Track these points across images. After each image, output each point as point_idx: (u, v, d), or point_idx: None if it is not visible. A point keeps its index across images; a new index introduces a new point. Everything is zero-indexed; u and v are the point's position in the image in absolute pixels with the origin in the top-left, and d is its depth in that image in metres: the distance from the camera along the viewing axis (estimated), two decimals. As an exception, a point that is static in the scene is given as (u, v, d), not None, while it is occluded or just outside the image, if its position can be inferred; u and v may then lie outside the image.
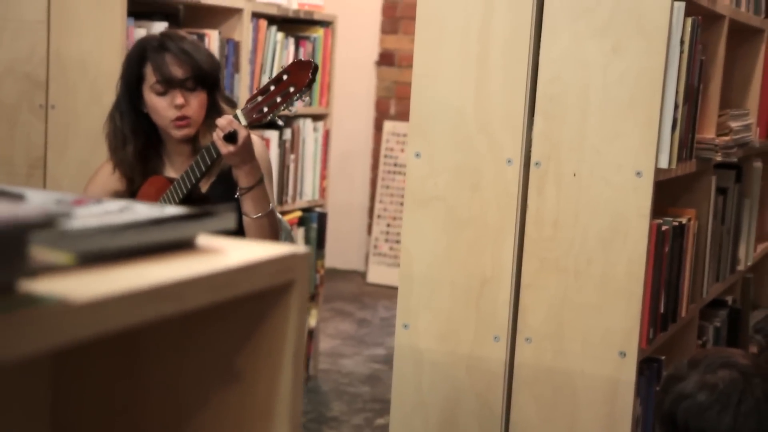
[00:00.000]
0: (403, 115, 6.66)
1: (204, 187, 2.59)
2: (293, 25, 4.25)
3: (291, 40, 4.16)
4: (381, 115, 6.74)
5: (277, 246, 0.95)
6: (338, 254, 6.39)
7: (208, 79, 2.54)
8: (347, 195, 6.62)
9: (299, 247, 0.95)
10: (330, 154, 4.48)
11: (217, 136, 2.38)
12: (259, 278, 0.91)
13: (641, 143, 2.13)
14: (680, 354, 2.65)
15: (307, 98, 2.40)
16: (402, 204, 6.60)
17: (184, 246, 0.91)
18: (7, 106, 3.35)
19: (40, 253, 0.70)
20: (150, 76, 2.50)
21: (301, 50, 4.22)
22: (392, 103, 6.72)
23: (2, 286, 0.67)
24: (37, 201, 0.94)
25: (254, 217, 2.44)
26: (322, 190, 4.44)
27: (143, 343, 1.01)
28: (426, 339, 2.35)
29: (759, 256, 3.48)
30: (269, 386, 0.96)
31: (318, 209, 4.39)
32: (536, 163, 2.23)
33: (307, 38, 4.27)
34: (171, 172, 2.62)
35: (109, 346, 0.99)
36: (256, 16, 3.92)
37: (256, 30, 3.91)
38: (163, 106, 2.50)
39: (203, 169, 2.46)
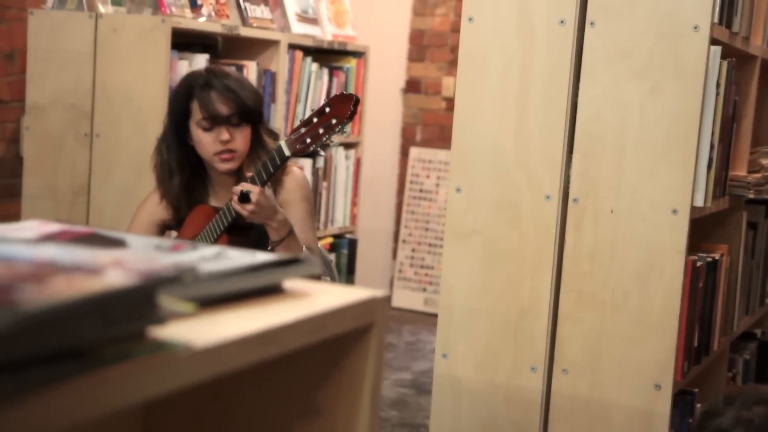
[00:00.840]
0: (428, 142, 6.74)
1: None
2: (327, 55, 4.34)
3: (325, 71, 4.25)
4: (407, 141, 6.82)
5: (358, 290, 1.02)
6: (364, 278, 6.46)
7: (252, 115, 2.63)
8: (374, 220, 6.69)
9: (378, 291, 1.03)
10: (360, 181, 4.57)
11: (234, 201, 2.46)
12: (345, 321, 0.98)
13: (677, 182, 2.20)
14: (712, 387, 2.71)
15: (348, 130, 2.47)
16: (427, 229, 6.71)
17: (275, 290, 0.99)
18: (53, 135, 3.45)
19: (167, 302, 0.77)
20: (196, 113, 2.59)
21: (335, 80, 4.31)
22: (418, 130, 6.80)
23: (136, 333, 0.74)
24: (139, 246, 1.02)
25: None
26: (353, 217, 4.52)
27: (228, 385, 1.08)
28: (464, 368, 2.41)
29: (786, 288, 3.53)
30: (348, 422, 1.03)
31: (348, 236, 4.47)
32: (574, 200, 2.30)
33: (340, 68, 4.36)
34: (215, 202, 2.71)
35: (197, 390, 1.06)
36: (292, 47, 4.01)
37: (292, 61, 4.00)
38: (208, 141, 2.58)
39: (230, 218, 2.53)
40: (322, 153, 2.54)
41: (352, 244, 4.45)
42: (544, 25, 2.30)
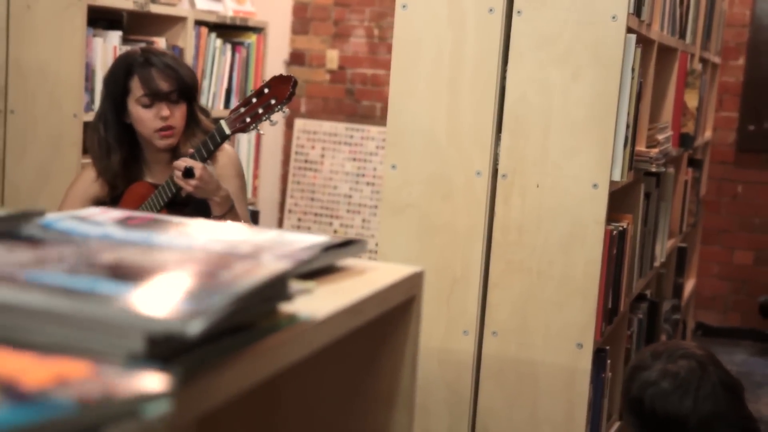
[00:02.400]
0: (313, 113, 6.87)
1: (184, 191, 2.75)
2: (228, 30, 4.41)
3: (228, 46, 4.32)
4: (292, 113, 6.91)
5: (401, 267, 1.17)
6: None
7: (189, 92, 2.72)
8: (259, 190, 6.77)
9: (417, 267, 1.18)
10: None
11: (177, 176, 2.56)
12: (399, 294, 1.13)
13: (597, 158, 2.41)
14: (616, 344, 2.95)
15: (287, 110, 2.59)
16: (312, 199, 6.85)
17: (333, 270, 1.12)
18: (-35, 111, 3.43)
19: (294, 284, 0.90)
20: (137, 89, 2.66)
21: (237, 55, 4.39)
22: (303, 102, 6.91)
23: (275, 309, 0.87)
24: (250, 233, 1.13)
25: None
26: (255, 189, 4.62)
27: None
28: (399, 334, 2.57)
29: (668, 251, 3.83)
30: (392, 383, 1.18)
31: (250, 207, 4.56)
32: (503, 175, 2.48)
33: (241, 44, 4.44)
34: (151, 179, 2.78)
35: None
36: (198, 23, 4.07)
37: (198, 37, 4.06)
38: (149, 117, 2.66)
39: (169, 194, 2.63)
40: (261, 132, 2.65)
41: (255, 216, 4.55)
42: (474, 13, 2.46)
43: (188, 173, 2.53)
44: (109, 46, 3.50)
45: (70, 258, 0.76)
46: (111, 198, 2.79)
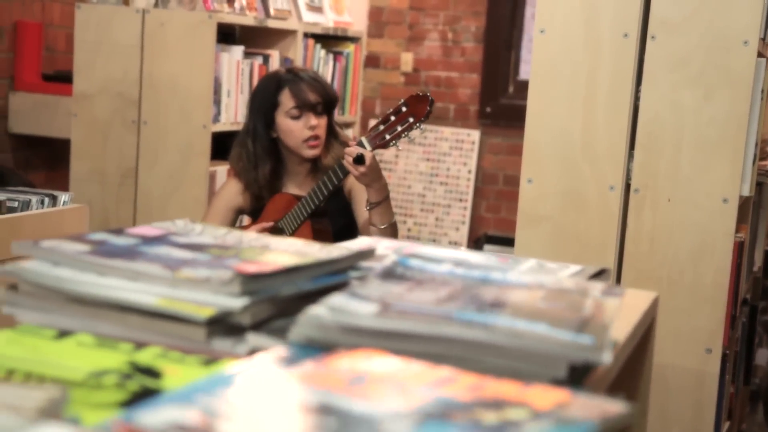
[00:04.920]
0: (388, 115, 7.04)
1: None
2: (328, 41, 4.59)
3: (330, 56, 4.51)
4: (366, 114, 7.10)
5: (640, 293, 1.34)
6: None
7: (332, 104, 2.91)
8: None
9: (653, 292, 1.34)
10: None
11: (348, 161, 2.74)
12: (649, 317, 1.29)
13: (728, 174, 2.56)
14: (730, 348, 3.11)
15: (425, 127, 2.76)
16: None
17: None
18: (100, 121, 3.64)
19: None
20: (287, 102, 2.85)
21: (338, 65, 4.57)
22: (377, 103, 7.09)
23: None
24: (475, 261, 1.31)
25: (381, 227, 2.81)
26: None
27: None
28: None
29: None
30: (631, 394, 1.35)
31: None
32: (635, 190, 2.64)
33: (341, 53, 4.62)
34: (293, 189, 2.97)
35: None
36: (305, 35, 4.26)
37: (306, 48, 4.25)
38: (298, 128, 2.85)
39: (330, 188, 2.81)
40: (400, 147, 2.82)
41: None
42: (609, 38, 2.62)
43: (359, 160, 2.70)
44: (233, 60, 3.69)
45: (462, 296, 0.93)
46: (255, 209, 2.98)
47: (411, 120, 2.76)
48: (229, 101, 3.67)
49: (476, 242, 6.72)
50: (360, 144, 2.78)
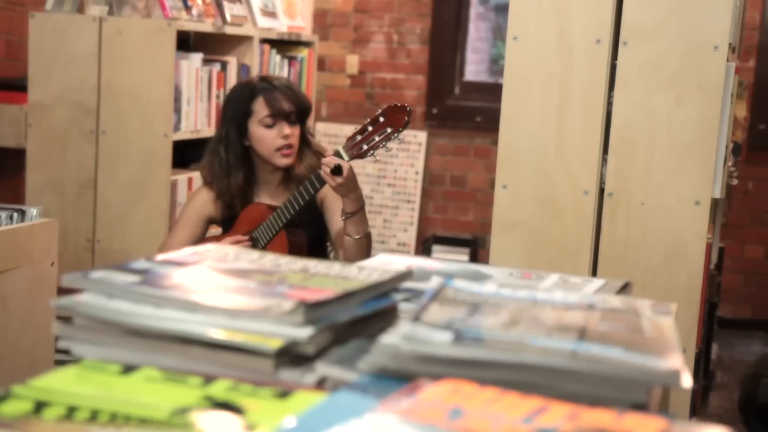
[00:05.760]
0: (334, 117, 7.03)
1: (294, 215, 2.92)
2: (282, 45, 4.57)
3: (285, 61, 4.49)
4: (314, 116, 7.08)
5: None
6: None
7: (306, 113, 2.89)
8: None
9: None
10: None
11: (324, 172, 2.72)
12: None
13: (700, 177, 2.60)
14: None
15: (402, 138, 2.76)
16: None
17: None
18: (57, 131, 3.57)
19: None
20: (260, 110, 2.83)
21: (292, 69, 4.55)
22: (324, 106, 7.07)
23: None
24: (498, 276, 1.31)
25: (356, 237, 2.80)
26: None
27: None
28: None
29: (717, 254, 4.05)
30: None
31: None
32: (609, 194, 2.67)
33: (294, 58, 4.60)
34: (266, 199, 2.94)
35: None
36: (261, 41, 4.23)
37: (261, 54, 4.22)
38: (271, 137, 2.83)
39: (307, 198, 2.79)
40: (377, 158, 2.81)
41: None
42: (581, 44, 2.65)
43: (336, 170, 2.69)
44: (192, 68, 3.65)
45: (523, 320, 0.93)
46: (227, 218, 2.95)
47: (389, 130, 2.75)
48: (189, 109, 3.63)
49: (425, 243, 6.75)
50: (337, 154, 2.76)
